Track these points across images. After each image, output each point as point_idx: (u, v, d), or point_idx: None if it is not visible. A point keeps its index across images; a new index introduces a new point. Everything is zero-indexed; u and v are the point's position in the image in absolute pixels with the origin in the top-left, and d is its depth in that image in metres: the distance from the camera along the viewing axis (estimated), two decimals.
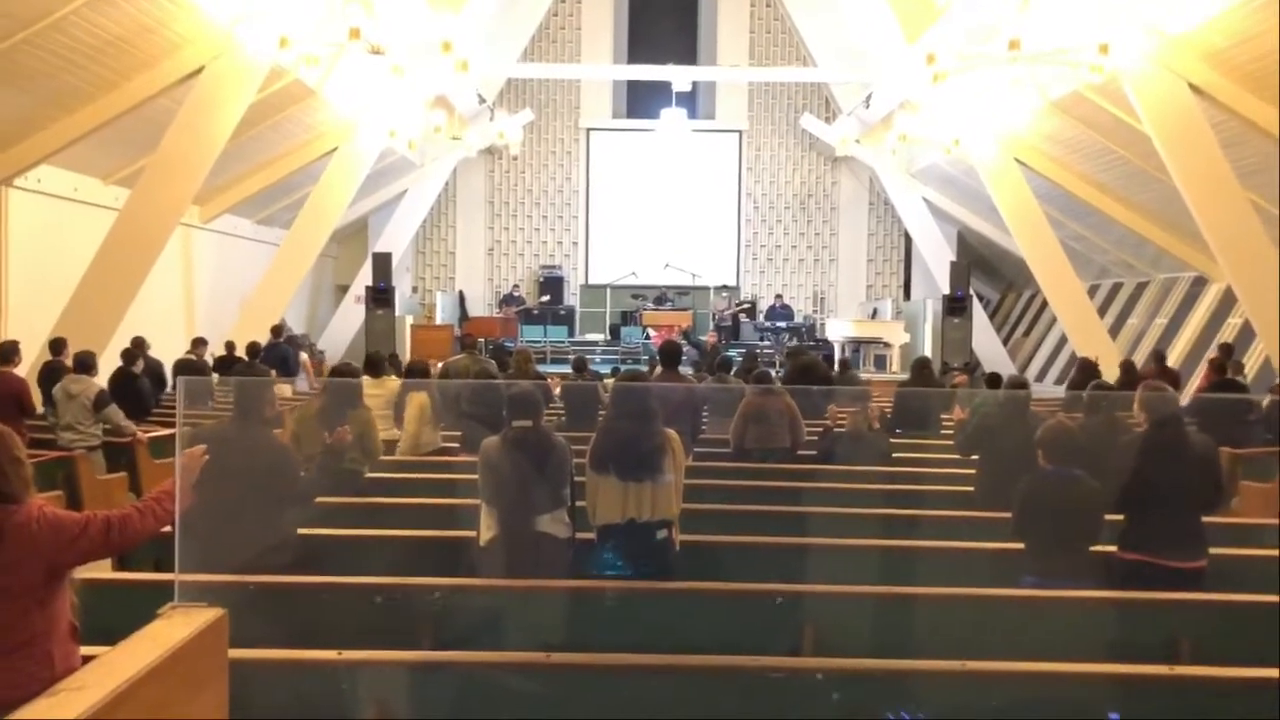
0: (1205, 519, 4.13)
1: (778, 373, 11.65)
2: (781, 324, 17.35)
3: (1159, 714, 2.97)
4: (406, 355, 14.90)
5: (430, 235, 19.71)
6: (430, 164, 17.92)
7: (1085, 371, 10.26)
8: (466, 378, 7.50)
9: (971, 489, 5.49)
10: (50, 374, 8.30)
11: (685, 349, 11.74)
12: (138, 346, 9.59)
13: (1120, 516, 4.07)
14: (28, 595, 2.44)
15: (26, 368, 8.26)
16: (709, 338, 15.13)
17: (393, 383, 6.85)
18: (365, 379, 6.67)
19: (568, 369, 9.60)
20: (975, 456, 5.63)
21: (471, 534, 3.96)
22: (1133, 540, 4.02)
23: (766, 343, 16.83)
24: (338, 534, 4.51)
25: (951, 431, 6.98)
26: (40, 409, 7.77)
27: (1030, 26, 9.65)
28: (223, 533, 3.33)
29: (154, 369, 9.59)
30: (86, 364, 7.33)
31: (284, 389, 10.23)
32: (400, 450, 6.50)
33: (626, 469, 3.85)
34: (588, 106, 19.32)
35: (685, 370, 8.71)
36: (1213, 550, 4.10)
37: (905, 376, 13.38)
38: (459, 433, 6.68)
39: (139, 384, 8.62)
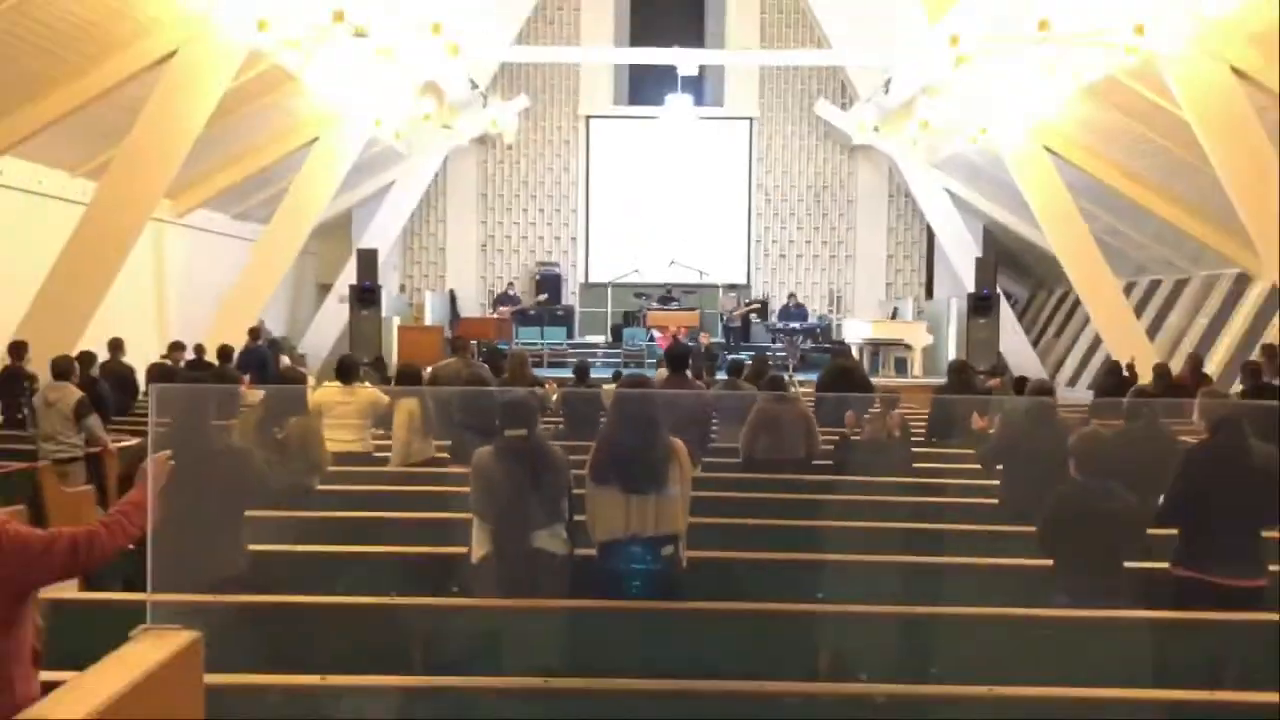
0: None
1: (791, 377, 12.10)
2: (795, 325, 17.89)
3: None
4: (394, 358, 15.45)
5: (419, 230, 20.28)
6: (419, 154, 18.49)
7: (1113, 374, 10.55)
8: (457, 383, 7.72)
9: (997, 501, 5.69)
10: (8, 380, 8.42)
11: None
12: (114, 349, 9.85)
13: (1170, 531, 4.18)
14: None
15: None
16: (701, 338, 15.71)
17: (365, 392, 7.00)
18: (335, 386, 6.94)
19: (568, 373, 9.76)
20: (1000, 467, 5.79)
21: (464, 550, 4.10)
22: (1187, 555, 4.10)
23: (779, 345, 17.40)
24: (306, 550, 4.65)
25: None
26: None
27: (1061, 6, 9.88)
28: (194, 548, 3.46)
29: (121, 374, 9.72)
30: (64, 370, 7.44)
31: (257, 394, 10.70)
32: (392, 461, 6.71)
33: (629, 480, 3.97)
34: (587, 92, 19.88)
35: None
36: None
37: (928, 380, 14.34)
38: (448, 442, 6.85)
39: (98, 388, 8.63)
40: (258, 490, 4.14)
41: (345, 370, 7.13)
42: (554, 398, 8.02)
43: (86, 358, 8.86)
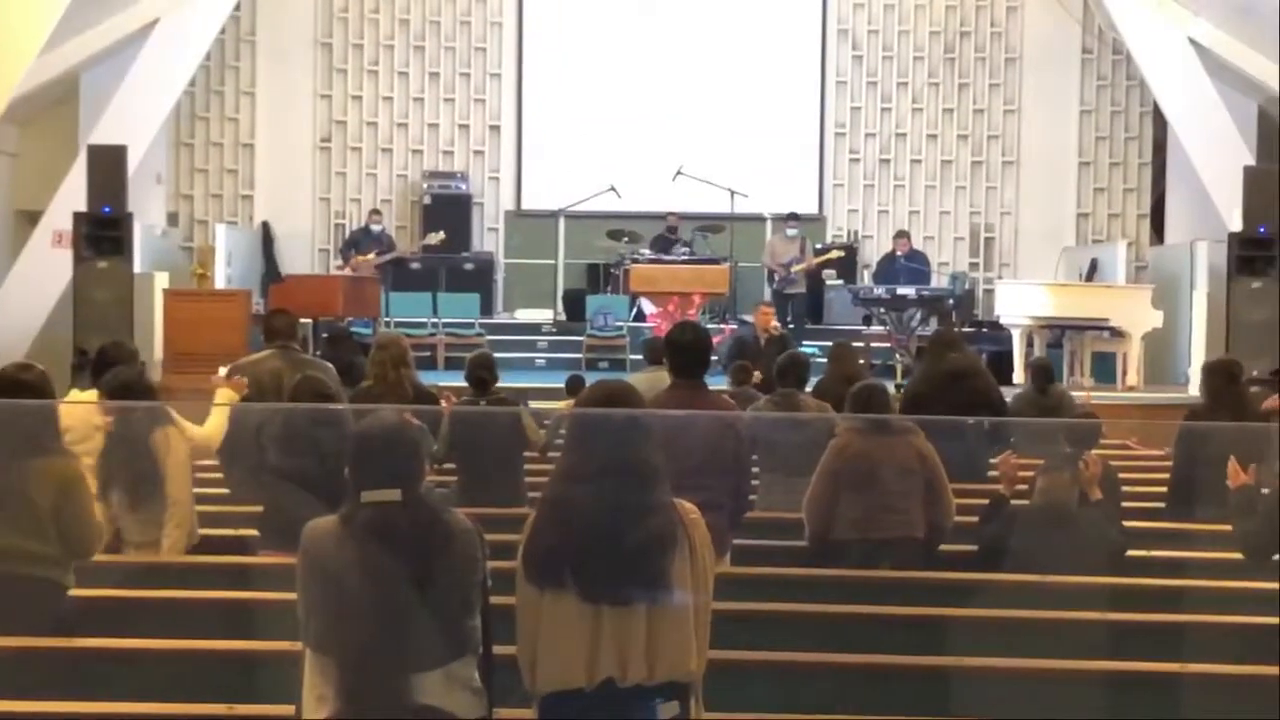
0: None
1: (900, 388, 12.45)
2: (908, 289, 17.80)
3: None
4: (157, 346, 16.16)
5: (205, 113, 20.56)
6: None
7: None
8: (274, 397, 8.25)
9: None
10: None
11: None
12: None
13: None
14: None
15: None
16: (760, 316, 15.67)
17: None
18: (90, 397, 7.50)
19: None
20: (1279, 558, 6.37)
21: (286, 710, 4.35)
22: None
23: (879, 326, 17.80)
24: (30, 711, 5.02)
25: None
26: None
27: None
28: None
29: None
30: None
31: None
32: (166, 545, 7.09)
33: (597, 580, 4.20)
34: None
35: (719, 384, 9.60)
36: None
37: (1157, 395, 14.85)
38: (259, 508, 7.30)
39: None
40: None
41: (110, 365, 7.63)
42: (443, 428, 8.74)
43: None
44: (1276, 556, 6.46)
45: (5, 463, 5.97)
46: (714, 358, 11.16)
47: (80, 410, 7.58)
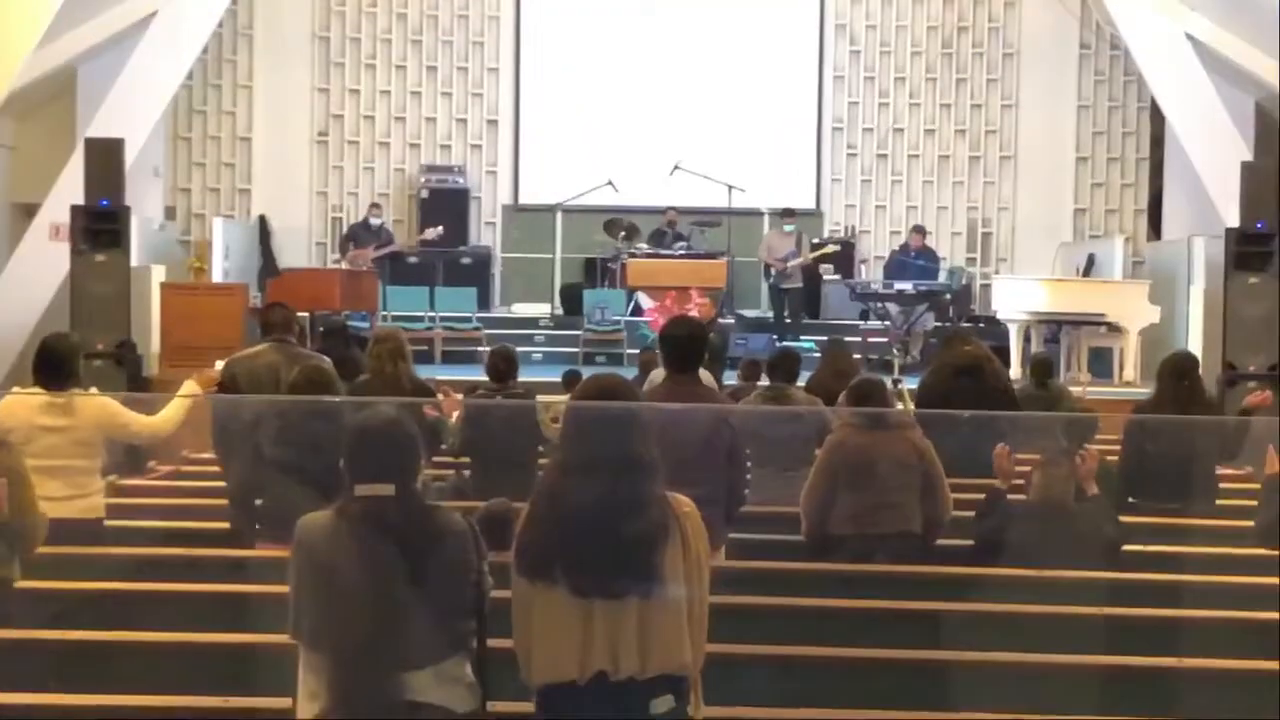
0: None
1: (898, 383, 12.36)
2: (906, 284, 18.48)
3: None
4: (154, 339, 16.56)
5: (202, 106, 20.98)
6: None
7: None
8: (271, 390, 8.38)
9: None
10: None
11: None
12: None
13: None
14: None
15: None
16: (695, 307, 16.59)
17: (90, 405, 7.65)
18: (34, 396, 7.50)
19: (479, 373, 10.93)
20: None
21: (282, 704, 4.48)
22: None
23: (878, 321, 18.28)
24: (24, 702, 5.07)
25: (1250, 504, 7.73)
26: None
27: None
28: None
29: None
30: None
31: None
32: None
33: (591, 574, 4.26)
34: None
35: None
36: None
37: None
38: (257, 502, 7.54)
39: None
40: None
41: (52, 365, 7.57)
42: (454, 420, 8.84)
43: None
44: None
45: None
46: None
47: (22, 411, 7.55)
